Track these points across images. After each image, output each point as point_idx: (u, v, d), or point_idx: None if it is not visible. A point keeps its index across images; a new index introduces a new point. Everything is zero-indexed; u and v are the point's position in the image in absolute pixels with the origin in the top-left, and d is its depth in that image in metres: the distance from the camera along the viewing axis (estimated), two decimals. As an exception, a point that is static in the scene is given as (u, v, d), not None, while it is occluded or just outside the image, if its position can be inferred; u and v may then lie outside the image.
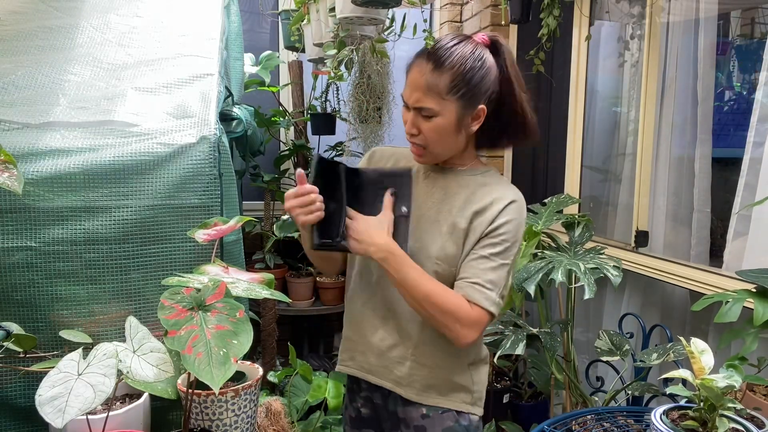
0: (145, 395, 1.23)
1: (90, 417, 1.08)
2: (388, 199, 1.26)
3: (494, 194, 1.25)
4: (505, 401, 2.64)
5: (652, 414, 1.15)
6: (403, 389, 1.31)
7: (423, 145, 1.24)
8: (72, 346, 1.10)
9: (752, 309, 1.33)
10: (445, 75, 1.17)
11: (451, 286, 1.24)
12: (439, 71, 1.17)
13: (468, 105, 1.20)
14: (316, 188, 1.20)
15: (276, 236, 2.80)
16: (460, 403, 1.32)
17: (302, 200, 1.18)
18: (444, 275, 1.25)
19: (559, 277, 1.79)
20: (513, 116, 1.25)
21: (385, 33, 2.20)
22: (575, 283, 1.90)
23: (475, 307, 1.20)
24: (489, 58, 1.21)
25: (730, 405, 1.08)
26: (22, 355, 1.14)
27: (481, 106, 1.21)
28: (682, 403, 1.21)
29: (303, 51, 2.59)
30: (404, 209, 1.27)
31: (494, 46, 1.23)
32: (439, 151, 1.26)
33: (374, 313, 1.34)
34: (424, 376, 1.30)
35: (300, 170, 1.20)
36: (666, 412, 1.15)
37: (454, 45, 1.20)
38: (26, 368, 1.13)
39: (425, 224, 1.28)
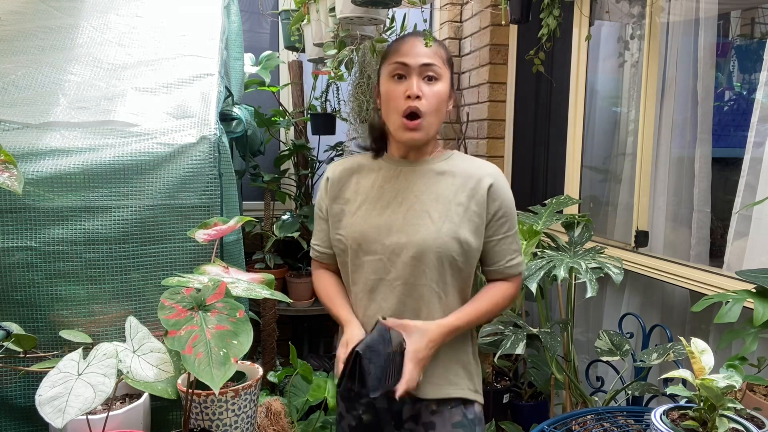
0: (145, 395, 1.23)
1: (90, 417, 1.08)
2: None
3: (476, 175, 1.35)
4: (505, 401, 2.64)
5: (652, 414, 1.14)
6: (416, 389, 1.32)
7: (422, 113, 1.28)
8: (72, 346, 1.10)
9: (752, 309, 1.33)
10: (441, 50, 1.35)
11: (464, 260, 1.32)
12: (437, 45, 1.34)
13: (451, 82, 1.37)
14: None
15: (276, 236, 2.80)
16: (466, 390, 1.35)
17: None
18: (445, 256, 1.29)
19: (561, 273, 1.79)
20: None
21: (387, 33, 2.20)
22: (576, 281, 1.90)
23: (513, 278, 1.40)
24: None
25: (730, 405, 1.08)
26: (22, 355, 1.14)
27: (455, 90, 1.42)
28: (682, 403, 1.21)
29: (303, 51, 2.59)
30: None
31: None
32: (433, 121, 1.32)
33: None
34: (432, 369, 1.32)
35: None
36: (666, 412, 1.15)
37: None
38: (26, 368, 1.13)
39: (413, 217, 1.32)
